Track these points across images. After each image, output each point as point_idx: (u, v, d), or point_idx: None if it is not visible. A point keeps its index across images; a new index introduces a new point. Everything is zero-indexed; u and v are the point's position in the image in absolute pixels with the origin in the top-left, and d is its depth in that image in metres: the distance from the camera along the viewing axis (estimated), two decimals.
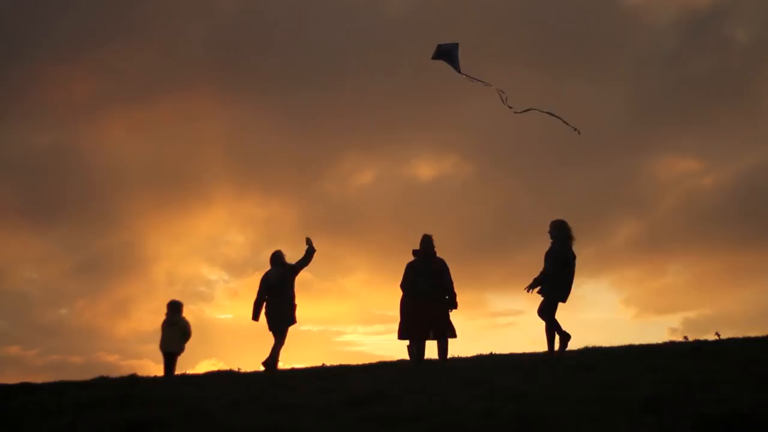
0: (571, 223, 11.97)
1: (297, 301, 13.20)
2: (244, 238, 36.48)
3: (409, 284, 11.92)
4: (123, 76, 38.00)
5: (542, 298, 11.70)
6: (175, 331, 13.57)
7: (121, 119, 37.64)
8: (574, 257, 11.86)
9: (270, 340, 12.97)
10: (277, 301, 13.10)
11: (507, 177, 36.49)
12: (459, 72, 12.49)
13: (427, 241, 12.17)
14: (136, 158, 36.36)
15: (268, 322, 13.12)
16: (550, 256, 11.80)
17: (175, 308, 13.71)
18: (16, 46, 35.93)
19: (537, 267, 11.82)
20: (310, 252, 13.27)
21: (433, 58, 12.63)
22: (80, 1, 37.70)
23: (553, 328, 11.60)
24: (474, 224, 34.53)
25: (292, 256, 13.48)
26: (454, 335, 11.80)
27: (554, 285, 11.67)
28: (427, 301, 11.71)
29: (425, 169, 38.10)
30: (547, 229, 11.99)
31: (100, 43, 37.24)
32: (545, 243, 11.96)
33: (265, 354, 12.95)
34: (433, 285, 11.82)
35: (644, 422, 5.05)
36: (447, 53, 12.54)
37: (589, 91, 35.43)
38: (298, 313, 13.18)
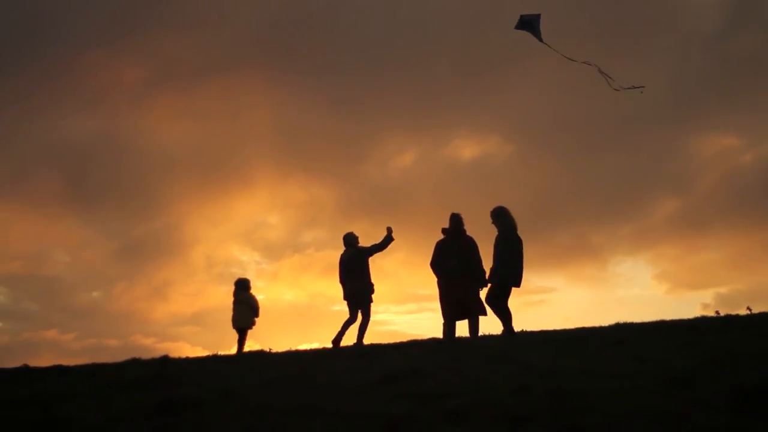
0: (609, 203, 12.10)
1: (328, 278, 13.50)
2: (284, 220, 36.79)
3: (438, 263, 11.96)
4: (170, 61, 38.77)
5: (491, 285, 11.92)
6: (244, 308, 14.11)
7: (167, 104, 38.52)
8: (520, 241, 11.99)
9: (329, 320, 13.29)
10: (352, 281, 13.44)
11: (547, 157, 36.73)
12: (541, 41, 12.76)
13: (456, 220, 12.18)
14: (180, 143, 37.15)
15: (347, 300, 13.44)
16: (501, 242, 11.97)
17: (242, 286, 14.22)
18: (65, 31, 36.69)
19: (575, 247, 11.89)
20: (387, 239, 13.47)
21: (516, 28, 12.95)
22: None
23: (506, 310, 11.85)
24: (513, 205, 34.27)
25: (331, 237, 13.79)
26: (484, 313, 11.83)
27: (506, 270, 11.84)
28: (456, 280, 11.74)
29: (466, 150, 38.14)
30: (491, 220, 12.17)
31: (148, 28, 38.21)
32: (584, 223, 12.10)
33: (297, 335, 13.23)
34: (462, 263, 11.84)
35: (678, 396, 5.07)
36: (529, 23, 12.85)
37: (632, 69, 34.87)
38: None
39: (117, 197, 35.84)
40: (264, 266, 36.51)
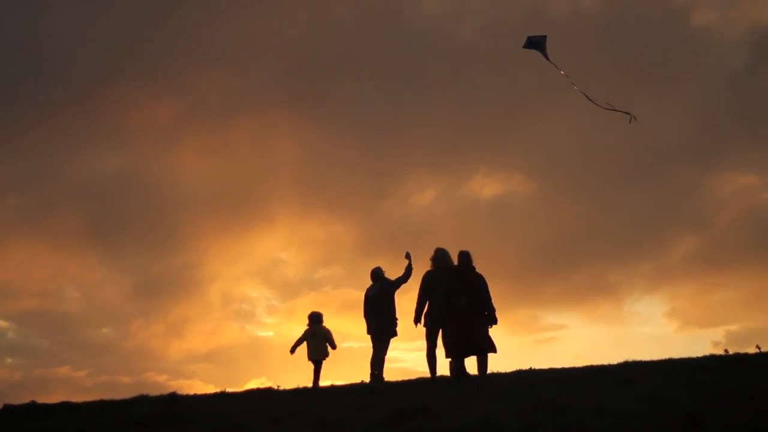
0: (628, 241, 12.23)
1: (342, 316, 13.54)
2: (301, 258, 36.98)
3: (448, 301, 11.95)
4: (200, 100, 39.65)
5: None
6: (319, 340, 14.24)
7: (194, 142, 39.05)
8: (441, 283, 12.16)
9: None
10: (377, 316, 13.44)
11: (568, 196, 37.07)
12: (548, 60, 13.17)
13: (465, 257, 12.19)
14: (205, 180, 37.74)
15: (370, 334, 13.49)
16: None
17: (316, 319, 14.42)
18: (96, 67, 37.71)
19: (591, 285, 11.95)
20: (409, 269, 13.47)
21: (524, 47, 13.37)
22: (161, 26, 39.16)
23: (432, 352, 12.11)
24: (532, 243, 35.15)
25: (348, 275, 13.91)
26: (494, 350, 11.78)
27: (428, 311, 12.18)
28: (467, 317, 11.73)
29: (486, 188, 38.43)
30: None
31: (180, 67, 39.01)
32: (602, 261, 12.16)
33: (306, 371, 13.24)
34: (472, 300, 11.82)
35: None
36: (536, 44, 13.29)
37: (656, 107, 36.07)
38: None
39: (137, 234, 36.20)
40: (278, 304, 36.57)
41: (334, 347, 14.71)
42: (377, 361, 13.25)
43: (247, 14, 40.54)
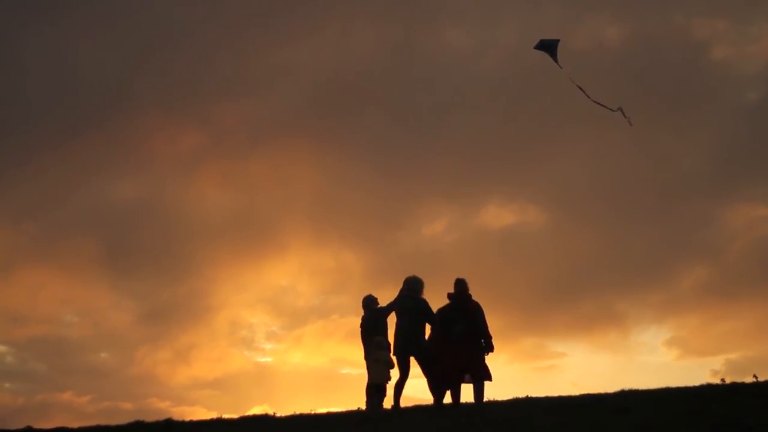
0: (637, 272, 12.29)
1: (349, 344, 13.56)
2: (311, 286, 37.16)
3: (445, 329, 11.97)
4: (221, 129, 39.87)
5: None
6: (382, 366, 14.18)
7: (212, 170, 39.09)
8: (402, 309, 12.52)
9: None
10: (371, 341, 13.46)
11: (579, 226, 37.38)
12: (558, 65, 13.28)
13: (461, 285, 12.22)
14: (220, 209, 37.79)
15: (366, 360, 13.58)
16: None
17: (379, 345, 14.30)
18: (121, 97, 37.76)
19: (598, 315, 11.97)
20: (399, 294, 13.46)
21: (535, 48, 13.51)
22: (185, 55, 39.51)
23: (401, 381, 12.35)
24: (542, 272, 35.35)
25: (357, 303, 13.97)
26: (489, 378, 11.78)
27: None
28: (463, 345, 11.74)
29: (497, 218, 38.83)
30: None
31: (203, 97, 39.31)
32: (610, 292, 12.15)
33: (314, 399, 13.22)
34: (468, 329, 11.83)
35: None
36: (548, 47, 13.39)
37: (674, 139, 36.66)
38: None
39: (149, 261, 36.20)
40: (284, 331, 36.76)
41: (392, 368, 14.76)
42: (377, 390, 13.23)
43: (270, 46, 41.24)
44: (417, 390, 13.85)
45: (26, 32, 38.38)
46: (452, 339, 11.83)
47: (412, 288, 12.66)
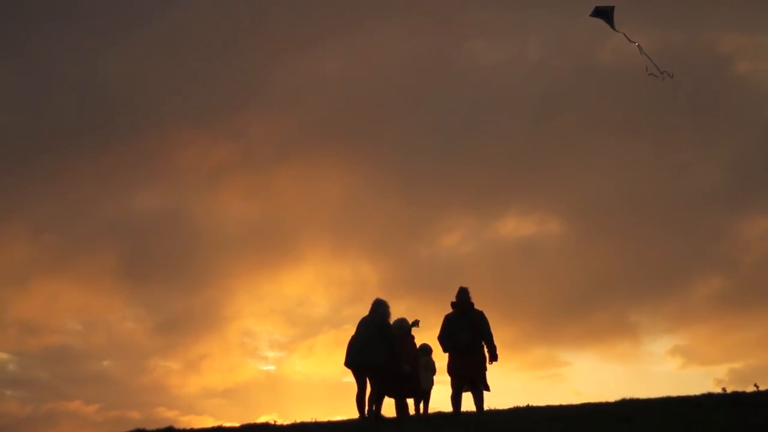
0: (653, 282, 12.21)
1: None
2: (326, 297, 37.22)
3: (449, 337, 11.99)
4: (248, 142, 40.32)
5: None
6: (429, 371, 14.17)
7: (236, 183, 39.50)
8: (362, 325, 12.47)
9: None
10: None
11: (597, 238, 37.66)
12: (614, 29, 13.26)
13: (463, 294, 12.23)
14: (243, 221, 38.33)
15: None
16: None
17: (426, 351, 14.29)
18: (149, 111, 38.17)
19: (612, 327, 11.95)
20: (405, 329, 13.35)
21: (591, 15, 13.46)
22: (211, 69, 39.99)
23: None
24: (558, 284, 35.61)
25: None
26: (487, 389, 11.81)
27: None
28: (467, 354, 11.76)
29: (515, 229, 39.02)
30: None
31: (231, 111, 39.62)
32: (625, 303, 12.13)
33: (321, 408, 13.16)
34: (472, 337, 11.85)
35: None
36: (603, 13, 13.34)
37: (698, 152, 37.21)
38: None
39: (168, 273, 36.41)
40: (295, 341, 36.86)
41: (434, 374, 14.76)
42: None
43: (298, 59, 41.47)
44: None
45: (55, 46, 39.09)
46: (458, 347, 11.86)
47: (379, 309, 12.52)
